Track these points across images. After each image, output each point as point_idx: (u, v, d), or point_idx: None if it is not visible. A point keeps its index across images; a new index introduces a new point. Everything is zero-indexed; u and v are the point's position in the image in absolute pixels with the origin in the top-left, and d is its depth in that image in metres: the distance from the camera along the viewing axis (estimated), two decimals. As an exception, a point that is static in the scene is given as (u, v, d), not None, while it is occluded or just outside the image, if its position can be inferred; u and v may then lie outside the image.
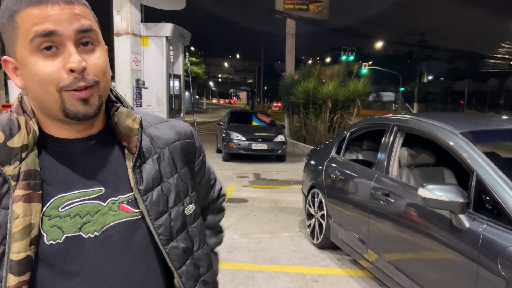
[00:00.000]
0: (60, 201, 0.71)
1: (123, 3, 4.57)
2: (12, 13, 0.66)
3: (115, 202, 0.75)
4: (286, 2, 15.03)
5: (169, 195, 0.81)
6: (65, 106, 0.67)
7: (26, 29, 0.65)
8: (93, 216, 0.72)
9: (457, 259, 2.20)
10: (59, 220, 0.70)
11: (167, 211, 0.80)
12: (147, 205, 0.77)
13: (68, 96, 0.67)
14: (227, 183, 7.44)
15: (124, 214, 0.75)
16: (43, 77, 0.66)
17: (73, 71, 0.66)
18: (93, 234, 0.72)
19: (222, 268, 3.66)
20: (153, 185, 0.78)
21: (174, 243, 0.80)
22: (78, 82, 0.66)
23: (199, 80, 45.83)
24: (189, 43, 6.62)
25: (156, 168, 0.80)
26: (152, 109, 5.80)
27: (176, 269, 0.80)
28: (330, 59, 36.99)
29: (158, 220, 0.78)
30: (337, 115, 11.53)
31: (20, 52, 0.67)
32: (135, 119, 0.78)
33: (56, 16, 0.65)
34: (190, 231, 0.85)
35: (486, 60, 36.56)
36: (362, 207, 3.30)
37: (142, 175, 0.77)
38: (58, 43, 0.66)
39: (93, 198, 0.73)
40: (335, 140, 4.38)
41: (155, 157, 0.81)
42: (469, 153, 2.40)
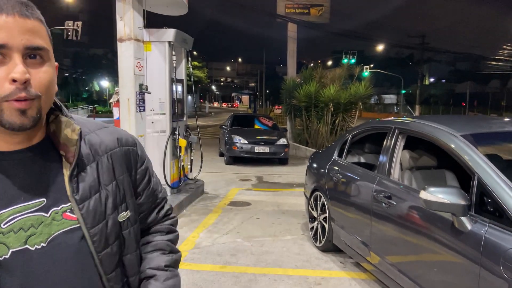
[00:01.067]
0: (0, 218, 0.70)
1: (126, 9, 4.61)
2: None
3: (58, 211, 0.75)
4: (287, 6, 15.10)
5: (107, 202, 0.81)
6: (2, 116, 0.67)
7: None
8: (37, 228, 0.72)
9: (459, 261, 2.21)
10: (3, 237, 0.69)
11: (105, 218, 0.80)
12: (83, 213, 0.77)
13: (7, 106, 0.66)
14: (229, 186, 7.46)
15: (68, 222, 0.76)
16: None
17: (15, 81, 0.65)
18: (39, 245, 0.72)
19: (226, 271, 3.67)
20: (90, 193, 0.79)
21: (108, 250, 0.81)
22: (19, 92, 0.66)
23: (202, 84, 45.96)
24: (191, 48, 6.66)
25: (95, 176, 0.80)
26: (155, 114, 5.83)
27: (106, 274, 0.81)
28: (332, 62, 37.01)
29: (94, 228, 0.78)
30: (339, 118, 11.55)
31: None
32: (74, 129, 0.77)
33: (9, 28, 0.65)
34: (125, 237, 0.86)
35: (487, 62, 36.51)
36: (364, 210, 3.31)
37: (79, 184, 0.77)
38: (5, 54, 0.66)
39: (35, 210, 0.73)
40: (337, 143, 4.40)
41: (93, 165, 0.81)
42: (470, 156, 2.42)
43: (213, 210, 5.81)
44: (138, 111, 4.88)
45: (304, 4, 15.21)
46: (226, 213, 5.63)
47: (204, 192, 6.85)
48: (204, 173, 7.66)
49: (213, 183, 7.58)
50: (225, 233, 4.78)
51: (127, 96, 4.77)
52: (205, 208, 5.91)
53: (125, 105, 4.77)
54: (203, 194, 6.74)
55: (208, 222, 5.20)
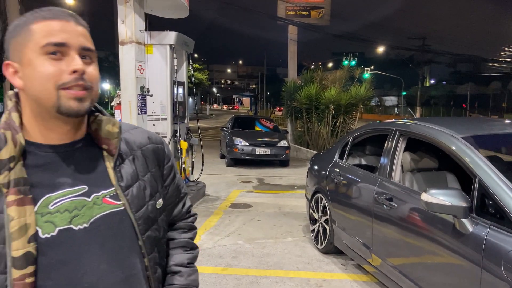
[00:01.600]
0: (48, 200, 0.81)
1: (128, 12, 4.63)
2: (29, 23, 0.80)
3: (99, 197, 0.85)
4: (288, 9, 15.14)
5: (145, 190, 0.93)
6: (60, 103, 0.79)
7: (40, 36, 0.78)
8: (80, 210, 0.83)
9: (461, 264, 2.22)
10: (51, 216, 0.80)
11: (145, 204, 0.92)
12: (128, 199, 0.88)
13: (65, 94, 0.79)
14: (231, 188, 7.46)
15: (107, 206, 0.86)
16: (46, 74, 0.78)
17: (75, 72, 0.79)
18: (82, 225, 0.82)
19: (227, 273, 3.68)
20: (132, 181, 0.91)
21: (149, 233, 0.93)
22: (77, 81, 0.79)
23: (203, 87, 46.00)
24: (192, 50, 6.67)
25: (133, 167, 0.92)
26: (156, 116, 5.85)
27: (147, 254, 0.92)
28: (332, 64, 37.04)
29: (138, 212, 0.90)
30: (339, 120, 11.55)
31: (28, 54, 0.79)
32: (114, 124, 0.91)
33: (68, 31, 0.80)
34: (159, 222, 0.98)
35: (488, 64, 36.50)
36: (366, 212, 3.31)
37: (122, 174, 0.89)
38: (64, 52, 0.79)
39: (78, 195, 0.83)
40: (338, 145, 4.40)
41: (130, 158, 0.93)
42: (471, 158, 2.42)
43: (214, 212, 5.82)
44: (139, 113, 4.89)
45: (305, 7, 15.24)
46: (227, 215, 5.63)
47: (206, 194, 6.85)
48: (205, 175, 7.67)
49: (214, 185, 7.59)
50: (227, 235, 4.78)
51: (128, 98, 4.78)
52: (207, 210, 5.92)
53: (127, 107, 4.79)
54: (204, 196, 6.74)
55: (210, 224, 5.21)
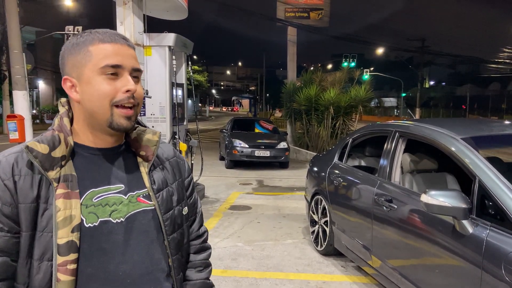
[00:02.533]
0: (92, 194, 0.91)
1: (126, 14, 4.63)
2: (88, 44, 0.90)
3: (133, 196, 0.96)
4: (287, 11, 15.14)
5: (173, 196, 1.03)
6: (112, 119, 0.90)
7: (99, 58, 0.89)
8: (118, 205, 0.93)
9: (461, 265, 2.20)
10: (94, 208, 0.90)
11: (172, 208, 1.02)
12: (159, 201, 0.98)
13: (117, 112, 0.90)
14: (230, 190, 7.45)
15: (141, 204, 0.96)
16: (103, 92, 0.89)
17: (128, 91, 0.90)
18: (119, 219, 0.92)
19: (227, 276, 3.66)
20: (162, 186, 1.01)
21: (174, 235, 1.02)
22: (129, 99, 0.91)
23: (202, 88, 45.99)
24: (191, 52, 6.66)
25: (163, 175, 1.03)
26: (155, 118, 5.83)
27: (171, 255, 1.01)
28: (332, 65, 37.08)
29: (166, 214, 1.00)
30: (339, 122, 11.55)
31: (87, 73, 0.89)
32: (155, 133, 1.04)
33: (122, 54, 0.91)
34: (184, 227, 1.08)
35: (487, 65, 36.55)
36: (365, 214, 3.30)
37: (154, 178, 1.00)
38: (118, 72, 0.90)
39: (116, 192, 0.94)
40: (337, 146, 4.39)
41: (160, 167, 1.04)
42: (470, 159, 2.41)
43: (214, 214, 5.80)
44: (138, 115, 4.88)
45: (304, 8, 15.25)
46: (227, 217, 5.62)
47: (205, 196, 6.84)
48: (205, 177, 7.65)
49: (214, 187, 7.57)
50: (226, 237, 4.77)
51: (127, 100, 4.77)
52: (206, 212, 5.90)
53: (126, 109, 4.77)
54: (203, 198, 6.73)
55: (209, 226, 5.19)
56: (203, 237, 1.19)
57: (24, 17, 16.19)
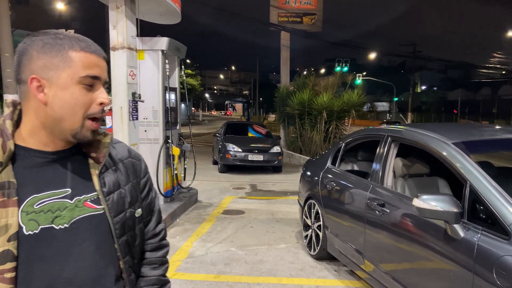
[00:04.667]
0: (34, 200, 0.88)
1: (119, 18, 4.60)
2: (68, 49, 0.89)
3: (80, 200, 0.93)
4: (280, 15, 15.23)
5: (125, 198, 1.02)
6: (80, 130, 0.90)
7: (80, 66, 0.89)
8: (62, 211, 0.90)
9: (453, 269, 2.22)
10: (35, 215, 0.87)
11: (124, 211, 1.00)
12: (109, 204, 0.96)
13: (88, 124, 0.91)
14: (223, 194, 7.43)
15: (88, 209, 0.94)
16: (81, 102, 0.90)
17: (102, 104, 0.92)
18: (63, 225, 0.90)
19: (219, 281, 3.64)
20: (113, 189, 0.99)
21: (124, 238, 1.00)
22: (102, 112, 0.93)
23: (195, 92, 45.90)
24: (184, 56, 6.66)
25: (115, 177, 1.01)
26: (148, 122, 5.80)
27: (122, 258, 1.00)
28: (325, 70, 37.29)
29: (117, 217, 0.98)
30: (332, 126, 11.60)
31: (65, 78, 0.88)
32: (106, 135, 1.01)
33: (101, 66, 0.93)
34: (136, 230, 1.06)
35: (478, 70, 37.00)
36: (358, 218, 3.31)
37: (105, 181, 0.98)
38: (95, 84, 0.92)
39: (62, 197, 0.91)
40: (330, 150, 4.41)
41: (113, 169, 1.02)
42: (462, 163, 2.44)
43: (207, 219, 5.77)
44: (131, 119, 4.85)
45: (297, 13, 15.34)
46: (220, 222, 5.59)
47: (198, 201, 6.81)
48: (198, 182, 7.62)
49: (207, 192, 7.55)
50: (219, 242, 4.74)
51: (120, 104, 4.74)
52: (199, 217, 5.87)
53: (118, 113, 4.75)
54: (196, 203, 6.70)
55: (202, 231, 5.16)
56: (159, 235, 1.17)
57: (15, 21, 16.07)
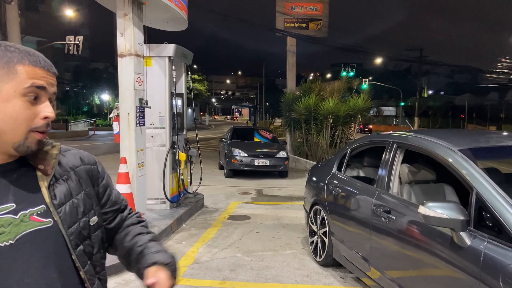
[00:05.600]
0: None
1: (127, 25, 4.67)
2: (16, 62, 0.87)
3: (26, 214, 0.90)
4: (286, 21, 15.28)
5: (78, 208, 0.99)
6: (23, 143, 0.88)
7: (25, 78, 0.87)
8: (6, 227, 0.86)
9: (459, 277, 2.20)
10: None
11: (77, 221, 0.98)
12: (61, 216, 0.94)
13: (33, 135, 0.88)
14: (229, 199, 7.44)
15: (34, 223, 0.90)
16: (23, 116, 0.87)
17: (46, 118, 0.89)
18: (8, 242, 0.86)
19: (225, 287, 3.64)
20: (65, 200, 0.97)
21: (81, 247, 0.98)
22: (46, 127, 0.91)
23: (202, 97, 46.13)
24: (191, 62, 6.71)
25: (66, 187, 0.99)
26: (155, 128, 5.85)
27: (82, 267, 0.97)
28: (331, 75, 37.24)
29: (71, 228, 0.95)
30: (338, 131, 11.58)
31: (8, 90, 0.86)
32: (54, 146, 0.99)
33: (48, 79, 0.91)
34: (92, 238, 1.03)
35: (485, 75, 36.74)
36: (364, 224, 3.30)
37: (55, 192, 0.95)
38: (40, 96, 0.89)
39: (5, 212, 0.88)
40: (336, 156, 4.40)
41: (64, 178, 0.99)
42: (468, 170, 2.43)
43: (213, 224, 5.79)
44: (138, 125, 4.90)
45: (303, 19, 15.39)
46: (225, 227, 5.60)
47: (204, 206, 6.83)
48: (204, 187, 7.65)
49: (213, 197, 7.56)
50: (225, 247, 4.75)
51: (127, 110, 4.79)
52: (205, 222, 5.89)
53: (125, 119, 4.79)
54: (202, 208, 6.72)
55: (208, 236, 5.17)
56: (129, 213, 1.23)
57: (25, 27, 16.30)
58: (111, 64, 38.78)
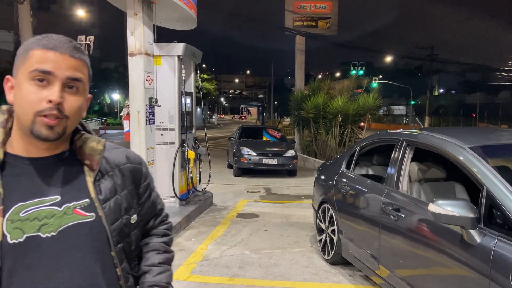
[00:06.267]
0: (20, 208, 0.88)
1: (137, 24, 4.72)
2: (29, 48, 0.89)
3: (70, 207, 0.92)
4: (295, 19, 15.25)
5: (122, 205, 1.01)
6: (33, 127, 0.87)
7: (32, 62, 0.87)
8: (49, 219, 0.89)
9: (469, 275, 2.19)
10: (20, 223, 0.87)
11: (120, 218, 0.99)
12: (105, 212, 0.95)
13: (39, 120, 0.87)
14: (238, 198, 7.47)
15: (77, 217, 0.92)
16: (28, 100, 0.87)
17: (50, 102, 0.87)
18: (50, 234, 0.88)
19: (234, 284, 3.67)
20: (110, 196, 0.98)
21: (121, 245, 1.00)
22: (51, 110, 0.87)
23: (211, 96, 46.27)
24: (200, 61, 6.75)
25: (112, 183, 1.00)
26: (164, 126, 5.90)
27: (119, 265, 0.99)
28: (340, 73, 37.08)
29: (114, 225, 0.97)
30: (347, 130, 11.53)
31: (20, 76, 0.88)
32: (99, 142, 1.00)
33: (57, 62, 0.88)
34: (132, 236, 1.05)
35: (497, 73, 36.21)
36: (373, 223, 3.29)
37: (101, 188, 0.97)
38: (49, 80, 0.87)
39: (49, 204, 0.90)
40: (345, 154, 4.39)
41: (109, 175, 1.01)
42: (478, 168, 2.41)
43: (222, 222, 5.82)
44: (147, 123, 4.95)
45: (312, 17, 15.34)
46: (234, 225, 5.63)
47: (213, 204, 6.86)
48: (213, 185, 7.69)
49: (222, 195, 7.60)
50: (233, 245, 4.77)
51: (137, 109, 4.84)
52: (214, 220, 5.92)
53: (135, 118, 4.85)
54: (211, 206, 6.75)
55: (217, 234, 5.21)
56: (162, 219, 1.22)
57: (37, 27, 16.54)
58: (121, 63, 39.09)
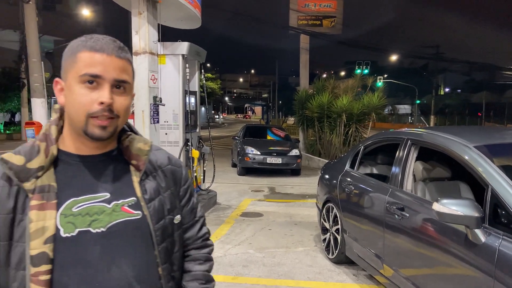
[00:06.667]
0: (73, 203, 0.91)
1: (141, 24, 4.73)
2: (76, 50, 0.91)
3: (118, 205, 0.94)
4: (299, 18, 15.20)
5: (165, 205, 1.02)
6: (86, 128, 0.90)
7: (81, 65, 0.89)
8: (100, 215, 0.91)
9: (474, 274, 2.18)
10: (73, 218, 0.89)
11: (164, 218, 1.01)
12: (150, 211, 0.97)
13: (92, 121, 0.90)
14: (242, 197, 7.47)
15: (125, 214, 0.94)
16: (80, 102, 0.89)
17: (102, 104, 0.89)
18: (100, 229, 0.91)
19: (237, 282, 3.67)
20: (154, 195, 1.00)
21: (164, 244, 1.01)
22: (103, 111, 0.89)
23: (215, 96, 46.31)
24: (204, 60, 6.76)
25: (156, 183, 1.02)
26: (168, 125, 5.92)
27: (161, 264, 1.00)
28: (345, 72, 36.96)
29: (158, 224, 0.99)
30: (352, 129, 11.49)
31: (70, 79, 0.91)
32: (146, 143, 1.02)
33: (106, 64, 0.90)
34: (175, 236, 1.06)
35: (503, 72, 35.91)
36: (377, 222, 3.28)
37: (146, 187, 0.99)
38: (99, 83, 0.89)
39: (100, 201, 0.93)
40: (349, 154, 4.38)
41: (153, 175, 1.03)
42: (483, 167, 2.39)
43: (226, 221, 5.83)
44: (152, 122, 4.96)
45: (317, 16, 15.29)
46: (238, 224, 5.64)
47: (217, 203, 6.88)
48: (217, 184, 7.70)
49: (226, 194, 7.61)
50: (237, 244, 4.78)
51: (141, 108, 4.86)
52: (218, 218, 5.93)
53: (140, 117, 4.86)
54: (215, 205, 6.77)
55: (221, 233, 5.22)
56: (203, 237, 1.18)
57: (42, 26, 16.62)
58: (126, 62, 39.16)
